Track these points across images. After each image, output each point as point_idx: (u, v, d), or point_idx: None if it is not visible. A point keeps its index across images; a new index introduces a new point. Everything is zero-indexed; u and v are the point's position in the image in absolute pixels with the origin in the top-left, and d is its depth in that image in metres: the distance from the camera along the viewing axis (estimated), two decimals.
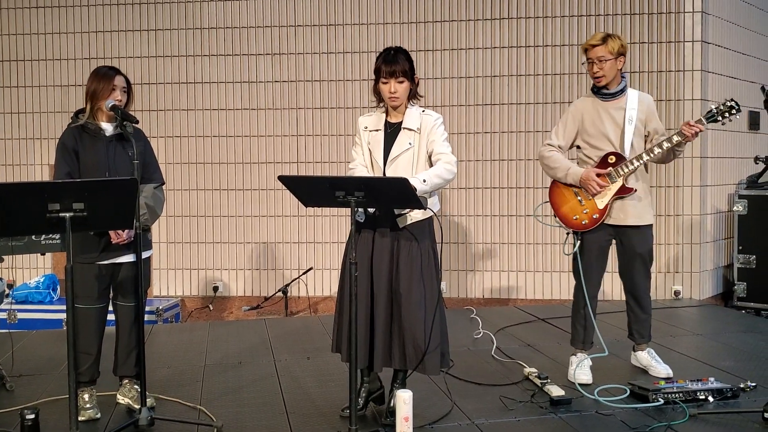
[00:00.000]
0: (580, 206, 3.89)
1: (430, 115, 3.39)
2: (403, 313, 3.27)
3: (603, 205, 3.83)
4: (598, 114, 3.88)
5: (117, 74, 3.49)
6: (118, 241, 3.39)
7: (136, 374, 3.58)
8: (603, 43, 3.77)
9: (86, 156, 3.42)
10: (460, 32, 6.46)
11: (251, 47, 6.63)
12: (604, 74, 3.80)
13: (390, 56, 3.32)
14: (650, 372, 3.97)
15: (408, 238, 3.32)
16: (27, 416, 2.94)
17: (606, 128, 3.85)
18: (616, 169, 3.80)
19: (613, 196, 3.82)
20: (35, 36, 6.78)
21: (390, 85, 3.31)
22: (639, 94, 3.90)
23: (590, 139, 3.90)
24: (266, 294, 6.62)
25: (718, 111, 3.75)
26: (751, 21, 6.93)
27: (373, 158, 3.38)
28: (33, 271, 6.77)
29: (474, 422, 3.40)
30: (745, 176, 6.79)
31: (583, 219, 3.88)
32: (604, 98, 3.87)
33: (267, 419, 3.46)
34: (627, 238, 3.90)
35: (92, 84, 3.45)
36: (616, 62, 3.80)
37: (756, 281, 6.28)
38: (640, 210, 3.86)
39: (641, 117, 3.84)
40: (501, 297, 6.49)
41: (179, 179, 6.68)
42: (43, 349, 4.78)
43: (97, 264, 3.44)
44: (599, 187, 3.79)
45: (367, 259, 3.33)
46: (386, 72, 3.31)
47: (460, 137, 6.44)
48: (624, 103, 3.85)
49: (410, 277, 3.29)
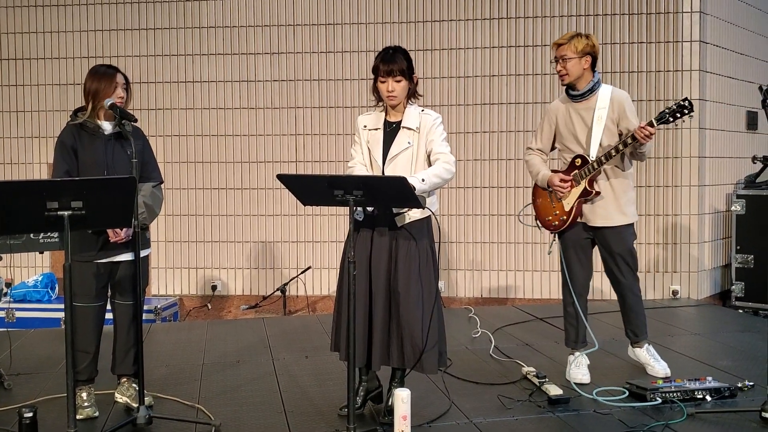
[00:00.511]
0: (552, 208, 3.96)
1: (430, 114, 3.39)
2: (401, 312, 3.27)
3: (569, 207, 3.87)
4: (569, 116, 3.90)
5: (117, 72, 3.49)
6: (117, 240, 3.39)
7: (134, 373, 3.58)
8: (568, 42, 3.79)
9: (85, 154, 3.42)
10: (459, 32, 6.47)
11: (250, 46, 6.63)
12: (567, 72, 3.80)
13: (388, 55, 3.33)
14: (647, 370, 3.96)
15: (406, 238, 3.32)
16: (25, 414, 2.93)
17: (576, 130, 3.87)
18: (580, 171, 3.82)
19: (577, 198, 3.84)
20: (34, 35, 6.78)
21: (388, 84, 3.32)
22: (612, 92, 3.84)
23: (564, 142, 3.94)
24: (265, 293, 6.62)
25: (670, 112, 3.66)
26: (749, 21, 6.94)
27: (372, 157, 3.39)
28: (31, 269, 6.77)
29: (472, 421, 3.40)
30: (743, 176, 6.80)
31: (553, 221, 3.95)
32: (574, 99, 3.88)
33: (265, 418, 3.46)
34: (602, 238, 3.91)
35: (93, 83, 3.44)
36: (581, 61, 3.78)
37: (754, 281, 6.29)
38: (611, 211, 3.84)
39: (612, 116, 3.80)
40: (499, 296, 6.49)
41: (178, 178, 6.68)
42: (41, 347, 4.78)
43: (95, 262, 3.44)
44: (563, 191, 3.84)
45: (366, 258, 3.34)
46: (383, 71, 3.31)
47: (459, 137, 6.44)
48: (594, 102, 3.83)
49: (408, 276, 3.29)
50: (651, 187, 6.34)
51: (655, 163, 6.31)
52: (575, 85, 3.85)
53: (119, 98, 3.43)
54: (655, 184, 6.32)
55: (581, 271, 3.96)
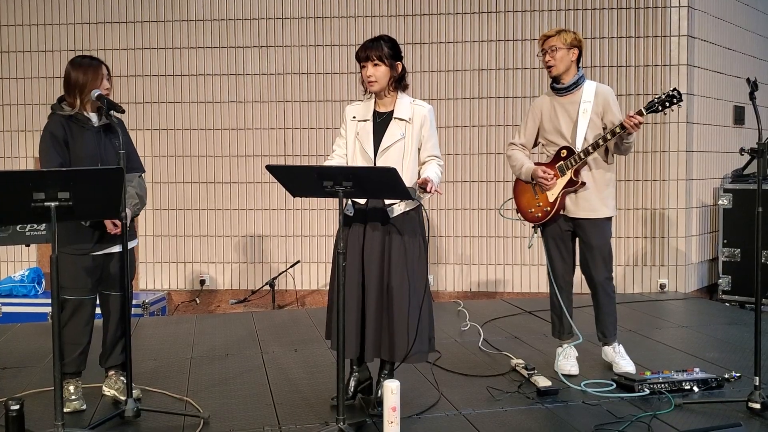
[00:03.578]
0: (535, 200, 3.96)
1: (422, 105, 3.39)
2: (393, 305, 3.28)
3: (553, 198, 3.88)
4: (554, 110, 3.92)
5: (101, 64, 3.47)
6: (117, 232, 3.36)
7: (122, 365, 3.56)
8: (557, 34, 3.85)
9: (76, 147, 3.38)
10: (448, 25, 6.46)
11: (238, 39, 6.60)
12: (555, 63, 3.84)
13: (368, 41, 3.36)
14: (614, 368, 3.93)
15: (399, 231, 3.32)
16: (12, 407, 2.90)
17: (560, 124, 3.89)
18: (566, 162, 3.84)
19: (562, 189, 3.86)
20: (19, 27, 6.72)
21: (366, 69, 3.33)
22: (597, 87, 3.90)
23: (548, 136, 3.96)
24: (253, 287, 6.60)
25: (659, 101, 3.71)
26: (736, 16, 6.98)
27: (363, 149, 3.36)
28: (18, 264, 6.72)
29: (461, 412, 3.41)
30: (730, 170, 6.84)
31: (537, 212, 3.95)
32: (560, 93, 3.91)
33: (254, 410, 3.45)
34: (582, 231, 3.92)
35: (78, 75, 3.40)
36: (569, 53, 3.83)
37: (740, 274, 6.33)
38: (594, 203, 3.86)
39: (597, 110, 3.85)
40: (488, 290, 6.50)
41: (165, 172, 6.64)
42: (27, 341, 4.74)
43: (92, 255, 3.42)
44: (548, 182, 3.85)
45: (359, 251, 3.34)
46: (362, 56, 3.34)
47: (449, 131, 6.44)
48: (579, 96, 3.87)
49: (401, 270, 3.30)
50: (639, 181, 6.37)
51: (643, 157, 6.34)
52: (560, 79, 3.89)
53: (105, 89, 3.41)
54: (643, 178, 6.35)
55: (562, 263, 3.99)
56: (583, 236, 3.93)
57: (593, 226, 3.89)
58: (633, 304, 5.76)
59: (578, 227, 3.93)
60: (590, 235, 3.90)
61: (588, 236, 3.90)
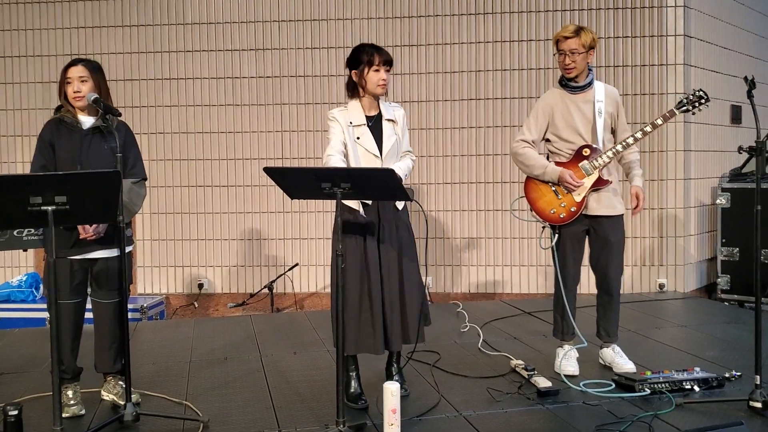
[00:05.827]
0: (558, 200, 3.90)
1: (399, 107, 3.65)
2: (406, 294, 3.45)
3: (580, 198, 3.86)
4: (567, 107, 3.90)
5: (73, 65, 3.42)
6: (86, 237, 3.34)
7: (118, 371, 3.55)
8: (576, 35, 3.80)
9: (61, 149, 3.40)
10: (444, 27, 6.46)
11: (234, 43, 6.59)
12: (575, 66, 3.82)
13: (379, 47, 3.49)
14: (614, 369, 3.93)
15: (404, 227, 3.53)
16: (10, 412, 2.89)
17: (575, 121, 3.88)
18: (591, 161, 3.83)
19: (590, 188, 3.85)
20: (16, 32, 6.70)
21: (381, 73, 3.46)
22: (605, 87, 3.94)
23: (560, 132, 3.92)
24: (252, 291, 6.59)
25: (689, 101, 3.83)
26: (733, 15, 6.98)
27: (369, 151, 3.45)
28: (15, 269, 6.70)
29: (462, 414, 3.39)
30: (727, 170, 6.84)
31: (560, 212, 3.89)
32: (573, 91, 3.90)
33: (254, 413, 3.44)
34: (601, 227, 3.92)
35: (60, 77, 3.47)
36: (587, 55, 3.83)
37: (739, 274, 6.33)
38: (613, 200, 3.92)
39: (609, 110, 3.90)
40: (487, 291, 6.49)
41: (163, 176, 6.63)
42: (25, 347, 4.72)
43: (69, 259, 3.40)
44: (577, 186, 3.83)
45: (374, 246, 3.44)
46: (382, 60, 3.45)
47: (444, 132, 6.43)
48: (592, 95, 3.88)
49: (410, 260, 3.50)
50: None
51: (641, 156, 6.31)
52: (576, 78, 3.88)
53: (75, 92, 3.38)
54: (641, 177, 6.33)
55: (574, 264, 3.97)
56: (602, 233, 3.92)
57: (613, 222, 3.92)
58: (632, 304, 5.76)
59: (597, 225, 3.92)
60: (609, 232, 3.91)
61: (607, 233, 3.91)
